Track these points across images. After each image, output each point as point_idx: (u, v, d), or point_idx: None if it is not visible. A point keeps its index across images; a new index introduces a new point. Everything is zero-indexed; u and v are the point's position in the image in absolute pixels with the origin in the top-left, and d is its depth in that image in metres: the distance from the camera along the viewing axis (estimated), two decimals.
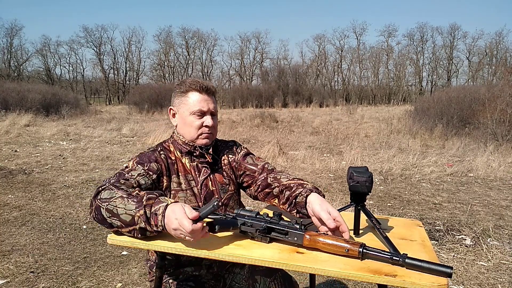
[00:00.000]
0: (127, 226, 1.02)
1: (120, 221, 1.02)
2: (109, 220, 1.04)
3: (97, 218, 1.07)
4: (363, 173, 1.06)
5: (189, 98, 1.31)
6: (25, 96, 14.63)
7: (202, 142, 1.32)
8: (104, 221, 1.06)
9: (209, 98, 1.33)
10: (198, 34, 41.24)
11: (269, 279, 1.18)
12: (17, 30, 36.47)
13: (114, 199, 1.05)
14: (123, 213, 1.02)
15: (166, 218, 0.98)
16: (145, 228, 1.01)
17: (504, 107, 8.16)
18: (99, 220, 1.07)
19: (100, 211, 1.05)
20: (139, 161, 1.25)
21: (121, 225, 1.03)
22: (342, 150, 7.28)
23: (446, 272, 0.83)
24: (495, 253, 2.75)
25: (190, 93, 1.32)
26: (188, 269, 1.31)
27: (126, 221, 1.02)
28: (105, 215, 1.04)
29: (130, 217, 1.01)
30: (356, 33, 41.06)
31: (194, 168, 1.33)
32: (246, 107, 24.98)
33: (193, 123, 1.30)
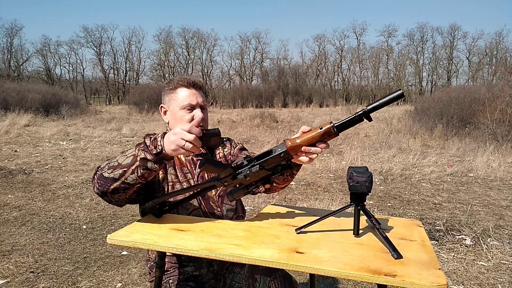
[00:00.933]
0: (130, 167, 1.05)
1: (122, 167, 1.06)
2: (112, 175, 1.07)
3: (100, 184, 1.09)
4: (363, 173, 1.06)
5: (178, 94, 1.37)
6: (25, 96, 14.63)
7: None
8: (107, 182, 1.08)
9: (197, 92, 1.38)
10: (198, 34, 41.24)
11: (269, 278, 1.19)
12: (17, 30, 36.49)
13: (113, 159, 1.10)
14: (124, 159, 1.07)
15: (165, 137, 1.03)
16: (145, 158, 1.03)
17: (504, 107, 8.16)
18: (101, 185, 1.09)
19: (102, 176, 1.08)
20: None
21: (123, 171, 1.06)
22: (342, 150, 7.28)
23: (399, 94, 0.94)
24: (495, 253, 2.75)
25: (179, 89, 1.37)
26: (188, 268, 1.31)
27: (128, 162, 1.05)
28: (107, 174, 1.07)
29: (132, 156, 1.06)
30: (356, 33, 41.07)
31: (190, 162, 1.37)
32: (246, 107, 24.98)
33: (183, 117, 1.35)
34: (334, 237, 1.09)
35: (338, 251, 0.98)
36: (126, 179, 1.06)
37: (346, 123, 1.02)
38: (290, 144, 1.08)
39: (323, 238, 1.08)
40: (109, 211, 3.75)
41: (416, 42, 38.82)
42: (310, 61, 41.23)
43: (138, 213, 3.86)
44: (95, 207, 3.88)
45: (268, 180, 1.16)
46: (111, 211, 3.75)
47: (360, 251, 0.98)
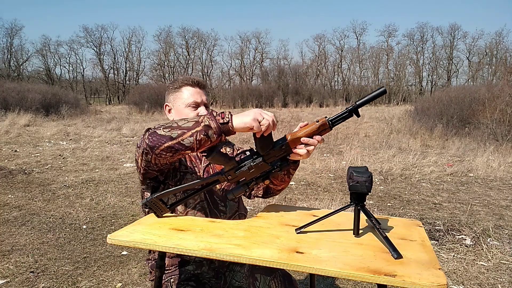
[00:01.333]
0: (190, 130, 1.06)
1: (182, 129, 1.07)
2: (168, 133, 1.08)
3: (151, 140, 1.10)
4: (363, 173, 1.06)
5: (183, 93, 1.42)
6: (25, 96, 14.62)
7: None
8: (161, 138, 1.08)
9: (201, 91, 1.44)
10: (198, 34, 41.23)
11: (269, 278, 1.19)
12: (17, 30, 36.47)
13: (170, 121, 1.13)
14: (183, 123, 1.08)
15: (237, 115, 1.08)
16: (208, 125, 1.06)
17: (504, 107, 8.16)
18: (154, 141, 1.10)
19: (155, 134, 1.10)
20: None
21: (182, 132, 1.07)
22: (342, 150, 7.28)
23: (382, 91, 1.05)
24: (495, 253, 2.75)
25: (184, 88, 1.42)
26: (189, 267, 1.32)
27: (189, 126, 1.07)
28: (163, 132, 1.09)
29: (194, 122, 1.07)
30: (356, 33, 41.06)
31: (195, 157, 1.41)
32: (246, 107, 24.97)
33: (189, 115, 1.38)
34: (334, 237, 1.09)
35: (338, 251, 0.98)
36: (183, 140, 1.07)
37: (339, 117, 1.13)
38: (290, 137, 1.15)
39: (323, 238, 1.08)
40: (109, 211, 3.75)
41: (416, 42, 38.83)
42: (310, 61, 41.23)
43: (138, 213, 3.85)
44: (95, 207, 3.88)
45: (267, 176, 1.19)
46: (111, 211, 3.75)
47: (360, 251, 0.98)
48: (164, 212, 1.23)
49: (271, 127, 1.09)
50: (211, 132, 1.06)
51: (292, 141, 1.15)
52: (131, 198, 4.19)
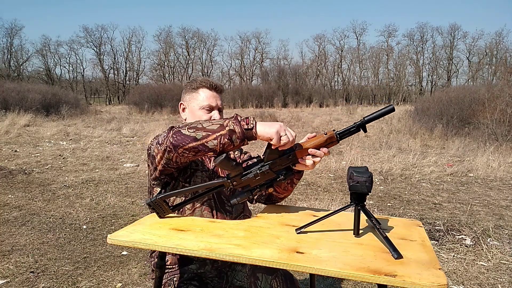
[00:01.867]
0: (214, 133, 1.08)
1: (206, 131, 1.08)
2: (193, 134, 1.09)
3: (176, 139, 1.11)
4: (363, 173, 1.06)
5: (199, 95, 1.43)
6: (25, 96, 14.62)
7: None
8: (186, 138, 1.09)
9: (218, 95, 1.45)
10: (198, 34, 41.28)
11: (270, 277, 1.19)
12: (17, 30, 36.54)
13: (194, 122, 1.14)
14: (209, 124, 1.10)
15: (261, 122, 1.10)
16: (233, 130, 1.07)
17: (504, 107, 8.16)
18: (178, 140, 1.10)
19: (180, 133, 1.11)
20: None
21: (206, 134, 1.08)
22: (342, 150, 7.28)
23: (390, 108, 1.08)
24: (495, 253, 2.75)
25: (201, 90, 1.43)
26: (192, 266, 1.32)
27: (214, 129, 1.08)
28: (187, 132, 1.10)
29: (218, 125, 1.09)
30: (356, 33, 41.10)
31: (203, 158, 1.41)
32: (246, 107, 24.96)
33: (202, 117, 1.40)
34: (334, 237, 1.09)
35: (338, 251, 0.98)
36: (207, 143, 1.08)
37: (346, 131, 1.14)
38: (298, 149, 1.16)
39: (323, 238, 1.08)
40: (109, 211, 3.75)
41: (416, 42, 38.87)
42: (310, 61, 41.28)
43: (138, 213, 3.85)
44: (95, 207, 3.88)
45: (271, 184, 1.20)
46: (111, 211, 3.76)
47: (360, 251, 0.98)
48: (166, 213, 1.23)
49: (289, 144, 1.11)
50: (234, 136, 1.08)
51: (300, 152, 1.16)
52: (131, 198, 4.19)
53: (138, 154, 6.95)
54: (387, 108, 1.09)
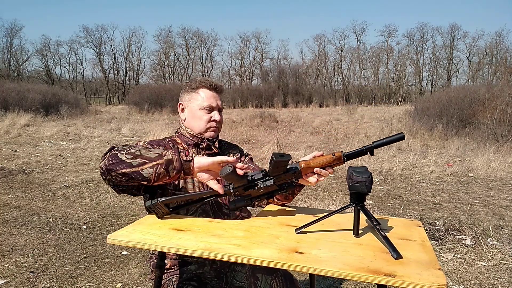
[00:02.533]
0: (151, 161, 1.08)
1: (144, 158, 1.08)
2: (129, 160, 1.08)
3: (111, 163, 1.09)
4: (362, 173, 1.06)
5: (199, 95, 1.42)
6: (25, 96, 14.63)
7: (210, 134, 1.42)
8: (120, 163, 1.08)
9: (217, 96, 1.44)
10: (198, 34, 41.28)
11: (270, 277, 1.19)
12: (17, 30, 36.54)
13: (134, 147, 1.13)
14: (147, 152, 1.09)
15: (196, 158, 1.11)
16: (171, 159, 1.07)
17: (504, 107, 8.15)
18: (112, 164, 1.09)
19: (116, 157, 1.09)
20: (149, 142, 1.33)
21: (143, 162, 1.08)
22: (342, 150, 7.27)
23: (400, 136, 1.14)
24: (495, 253, 2.75)
25: (201, 90, 1.42)
26: (191, 267, 1.32)
27: (151, 157, 1.08)
28: (124, 157, 1.09)
29: (157, 154, 1.09)
30: (356, 33, 41.10)
31: None
32: (246, 107, 24.97)
33: (202, 117, 1.40)
34: (333, 237, 1.09)
35: (337, 251, 0.98)
36: (142, 170, 1.08)
37: (354, 153, 1.17)
38: (304, 165, 1.18)
39: (322, 238, 1.08)
40: (109, 211, 3.76)
41: (416, 42, 38.87)
42: (310, 61, 41.29)
43: (138, 213, 3.85)
44: (95, 207, 3.88)
45: (272, 195, 1.22)
46: (111, 211, 3.76)
47: (360, 251, 0.98)
48: (165, 214, 1.23)
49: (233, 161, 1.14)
50: (171, 167, 1.08)
51: (305, 169, 1.18)
52: (131, 198, 4.19)
53: None
54: (397, 136, 1.15)
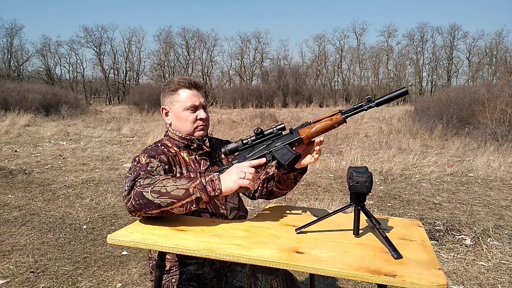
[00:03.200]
0: (180, 200, 1.07)
1: (172, 197, 1.07)
2: (157, 200, 1.07)
3: (139, 203, 1.08)
4: (363, 173, 1.06)
5: (179, 96, 1.38)
6: (25, 96, 14.62)
7: (199, 134, 1.39)
8: (149, 204, 1.08)
9: (199, 93, 1.40)
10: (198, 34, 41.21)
11: (270, 277, 1.19)
12: (17, 30, 36.46)
13: (158, 181, 1.09)
14: (174, 189, 1.07)
15: (222, 179, 1.10)
16: (200, 197, 1.07)
17: (504, 107, 8.15)
18: (140, 205, 1.08)
19: (142, 196, 1.08)
20: (149, 155, 1.27)
21: (172, 202, 1.07)
22: (342, 150, 7.28)
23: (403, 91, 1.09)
24: (495, 253, 2.75)
25: (180, 91, 1.38)
26: (191, 267, 1.32)
27: (179, 195, 1.07)
28: (151, 197, 1.07)
29: (184, 190, 1.07)
30: (356, 33, 41.05)
31: (193, 161, 1.38)
32: (246, 107, 24.96)
33: (188, 118, 1.37)
34: (334, 237, 1.09)
35: (338, 251, 0.98)
36: (172, 209, 1.08)
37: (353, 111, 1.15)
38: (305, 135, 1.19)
39: (323, 238, 1.08)
40: (109, 211, 3.75)
41: (416, 42, 38.82)
42: (310, 61, 41.24)
43: None
44: (95, 207, 3.88)
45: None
46: (111, 211, 3.75)
47: (360, 251, 0.98)
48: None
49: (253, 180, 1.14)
50: (201, 202, 1.09)
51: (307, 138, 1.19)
52: None
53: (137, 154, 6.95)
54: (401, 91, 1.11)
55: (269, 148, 1.20)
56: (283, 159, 1.17)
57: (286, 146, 1.18)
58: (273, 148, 1.19)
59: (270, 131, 1.22)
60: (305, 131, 1.18)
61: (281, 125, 1.22)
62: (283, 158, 1.17)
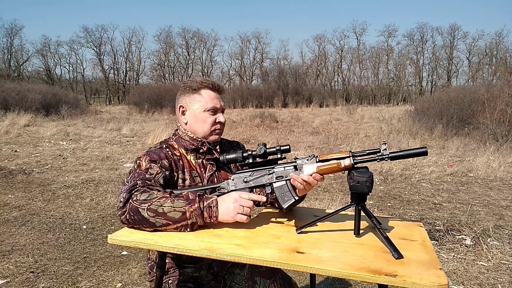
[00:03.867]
0: (175, 223, 1.07)
1: (167, 219, 1.07)
2: (152, 219, 1.07)
3: (133, 219, 1.08)
4: (363, 173, 1.06)
5: (202, 96, 1.33)
6: (25, 96, 14.62)
7: (214, 138, 1.36)
8: (143, 222, 1.07)
9: (219, 96, 1.37)
10: (198, 34, 41.26)
11: (269, 281, 1.19)
12: (17, 30, 36.51)
13: (156, 199, 1.08)
14: (170, 210, 1.07)
15: (220, 207, 1.10)
16: (195, 222, 1.08)
17: (503, 107, 8.15)
18: (135, 221, 1.08)
19: (138, 212, 1.07)
20: (151, 159, 1.24)
21: (167, 223, 1.07)
22: (342, 150, 7.28)
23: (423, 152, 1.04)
24: (495, 253, 2.75)
25: (203, 91, 1.34)
26: (188, 269, 1.31)
27: (175, 218, 1.07)
28: (146, 215, 1.07)
29: (180, 213, 1.07)
30: (356, 33, 41.10)
31: (200, 165, 1.33)
32: (246, 107, 24.96)
33: (206, 120, 1.33)
34: (334, 237, 1.09)
35: (338, 251, 0.98)
36: (166, 230, 1.09)
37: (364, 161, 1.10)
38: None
39: (323, 238, 1.08)
40: (109, 211, 3.75)
41: (416, 42, 38.86)
42: (310, 61, 41.28)
43: None
44: (95, 207, 3.88)
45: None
46: (111, 211, 3.75)
47: (361, 251, 0.98)
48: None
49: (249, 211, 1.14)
50: (195, 226, 1.10)
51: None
52: None
53: (138, 154, 6.95)
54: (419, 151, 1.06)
55: (271, 178, 1.19)
56: (283, 199, 1.18)
57: (288, 184, 1.18)
58: (275, 182, 1.18)
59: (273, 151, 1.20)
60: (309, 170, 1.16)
61: (286, 147, 1.19)
62: (283, 199, 1.18)
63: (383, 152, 1.06)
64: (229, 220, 1.11)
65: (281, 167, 1.19)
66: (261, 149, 1.20)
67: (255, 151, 1.21)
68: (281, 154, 1.20)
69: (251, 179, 1.20)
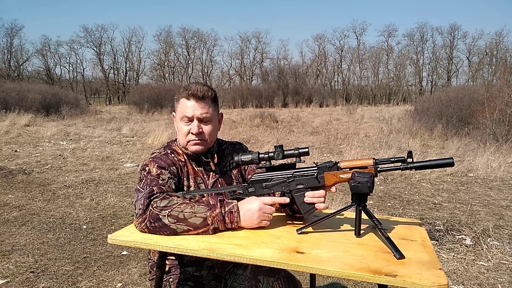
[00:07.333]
0: (197, 229, 1.07)
1: (188, 225, 1.07)
2: (173, 226, 1.06)
3: (153, 226, 1.07)
4: (364, 173, 1.06)
5: (180, 105, 1.31)
6: (25, 96, 14.63)
7: (192, 149, 1.30)
8: (164, 228, 1.07)
9: (196, 104, 1.27)
10: (198, 34, 41.24)
11: (272, 279, 1.19)
12: (17, 30, 36.49)
13: (176, 205, 1.08)
14: (191, 216, 1.07)
15: (241, 212, 1.11)
16: (217, 228, 1.08)
17: (503, 107, 8.15)
18: (155, 228, 1.07)
19: (159, 219, 1.07)
20: (159, 166, 1.23)
21: (188, 229, 1.07)
22: (342, 150, 7.28)
23: (449, 162, 1.03)
24: (495, 253, 2.75)
25: (181, 100, 1.30)
26: (189, 269, 1.31)
27: (196, 224, 1.07)
28: (167, 221, 1.06)
29: (201, 219, 1.07)
30: (356, 33, 41.08)
31: (202, 172, 1.33)
32: (246, 107, 24.96)
33: (182, 130, 1.30)
34: (334, 237, 1.09)
35: (338, 251, 0.98)
36: (187, 235, 1.09)
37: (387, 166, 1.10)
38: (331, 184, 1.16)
39: (323, 238, 1.08)
40: (109, 211, 3.75)
41: (416, 42, 38.84)
42: (310, 61, 41.26)
43: None
44: (95, 207, 3.88)
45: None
46: (111, 211, 3.75)
47: (361, 251, 0.98)
48: None
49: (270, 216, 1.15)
50: (217, 231, 1.10)
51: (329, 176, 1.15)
52: (131, 198, 4.19)
53: (138, 154, 6.95)
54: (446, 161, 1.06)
55: (290, 186, 1.17)
56: (303, 208, 1.16)
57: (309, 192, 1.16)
58: (294, 190, 1.17)
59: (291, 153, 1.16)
60: (331, 179, 1.14)
61: (305, 149, 1.15)
62: (303, 208, 1.16)
63: (408, 161, 1.07)
64: (252, 226, 1.12)
65: (301, 173, 1.16)
66: (279, 154, 1.16)
67: (271, 153, 1.17)
68: (299, 158, 1.16)
69: (270, 185, 1.18)
